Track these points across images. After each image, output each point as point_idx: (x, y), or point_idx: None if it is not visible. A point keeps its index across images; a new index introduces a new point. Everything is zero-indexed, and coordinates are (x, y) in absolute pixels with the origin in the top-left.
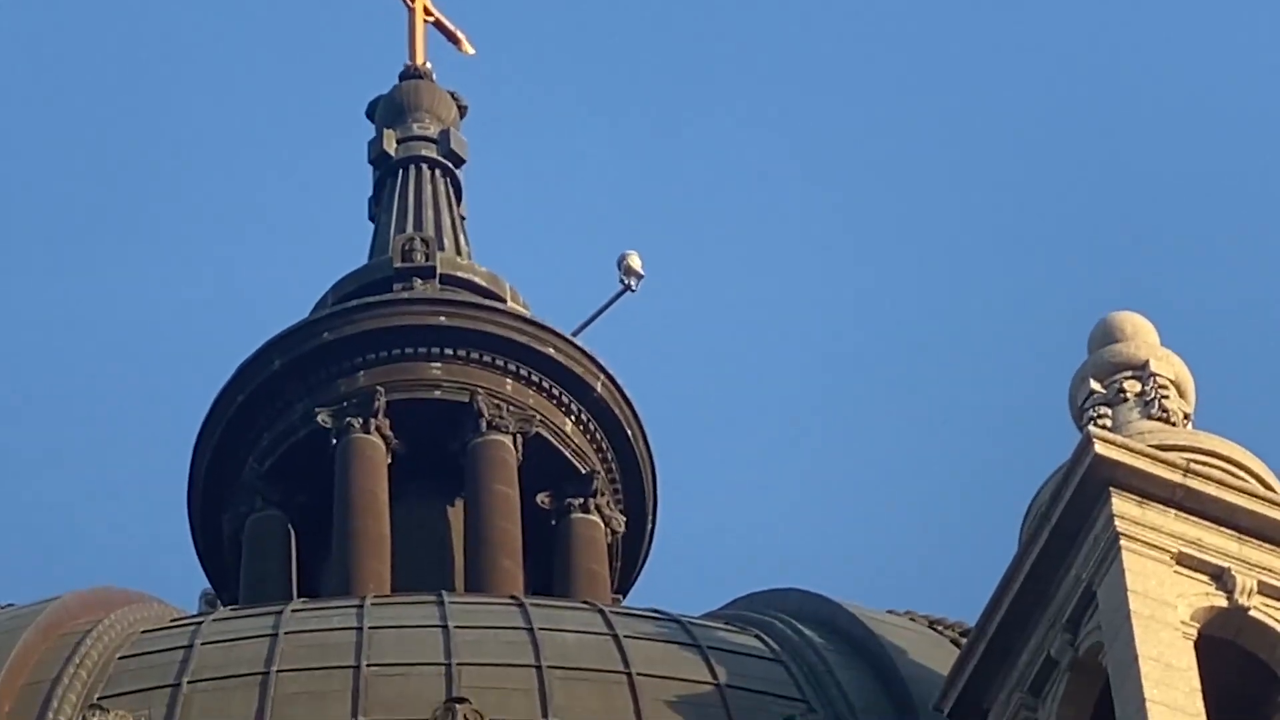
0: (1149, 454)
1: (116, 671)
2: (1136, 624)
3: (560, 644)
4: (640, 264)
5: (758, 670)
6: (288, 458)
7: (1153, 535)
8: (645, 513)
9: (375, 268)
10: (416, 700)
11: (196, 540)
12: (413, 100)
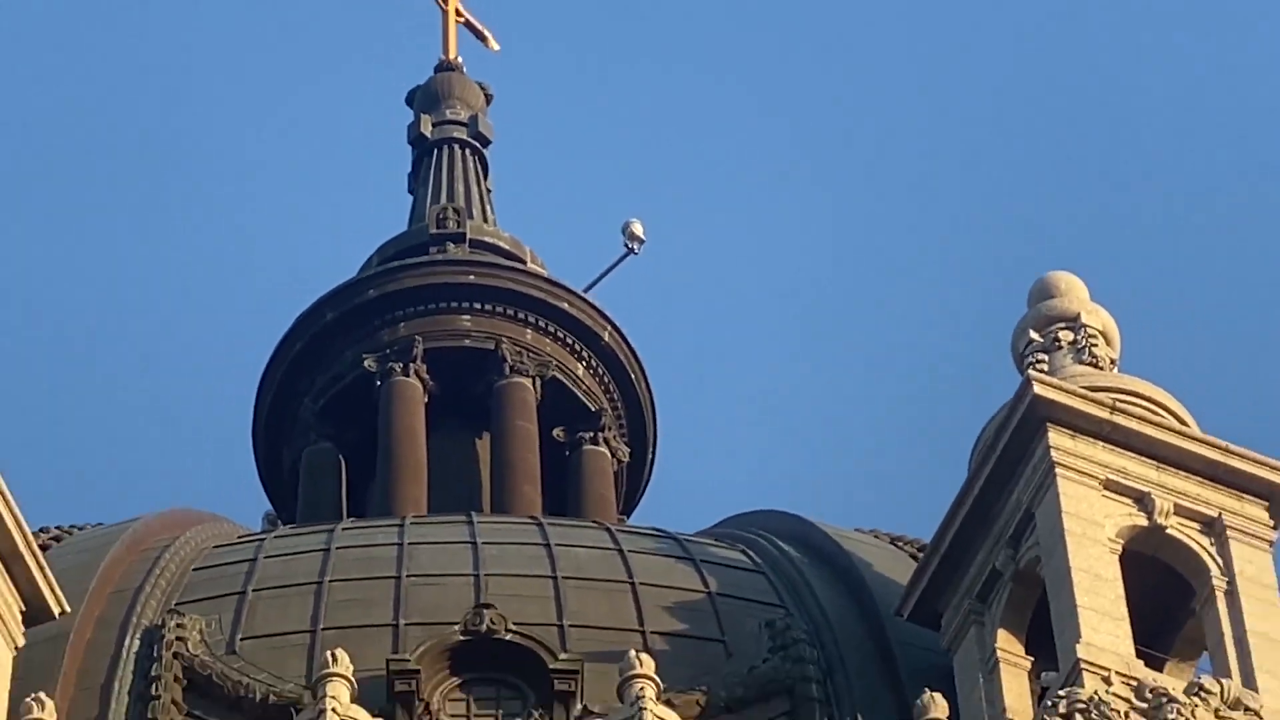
0: (1080, 394)
1: (191, 581)
2: (1070, 541)
3: (573, 557)
4: (642, 230)
5: (743, 581)
6: (338, 398)
7: (1084, 464)
8: (646, 444)
9: (414, 234)
10: (449, 606)
11: (260, 468)
12: (446, 89)
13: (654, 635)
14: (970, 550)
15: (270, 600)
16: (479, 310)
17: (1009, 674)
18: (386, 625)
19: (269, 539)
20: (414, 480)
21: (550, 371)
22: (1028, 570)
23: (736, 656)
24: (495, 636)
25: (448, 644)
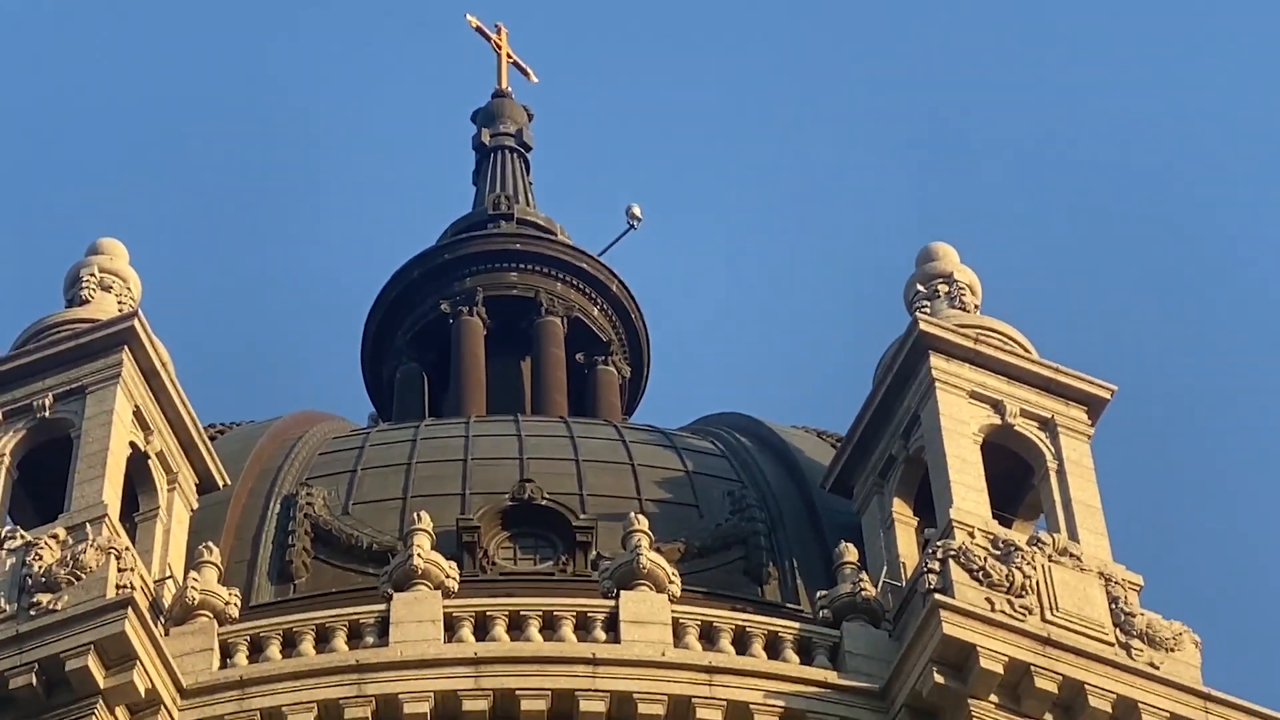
0: (953, 329)
1: (317, 462)
2: (945, 435)
3: (589, 446)
4: (640, 212)
5: (711, 463)
6: (422, 331)
7: (955, 380)
8: (642, 365)
9: (476, 214)
10: (502, 481)
11: (367, 382)
12: (499, 110)
13: (647, 502)
14: (874, 441)
15: (373, 476)
16: (523, 269)
17: (901, 530)
18: (456, 494)
19: (372, 432)
20: (476, 391)
21: (574, 313)
22: (915, 456)
23: (706, 517)
24: (534, 502)
25: (500, 508)
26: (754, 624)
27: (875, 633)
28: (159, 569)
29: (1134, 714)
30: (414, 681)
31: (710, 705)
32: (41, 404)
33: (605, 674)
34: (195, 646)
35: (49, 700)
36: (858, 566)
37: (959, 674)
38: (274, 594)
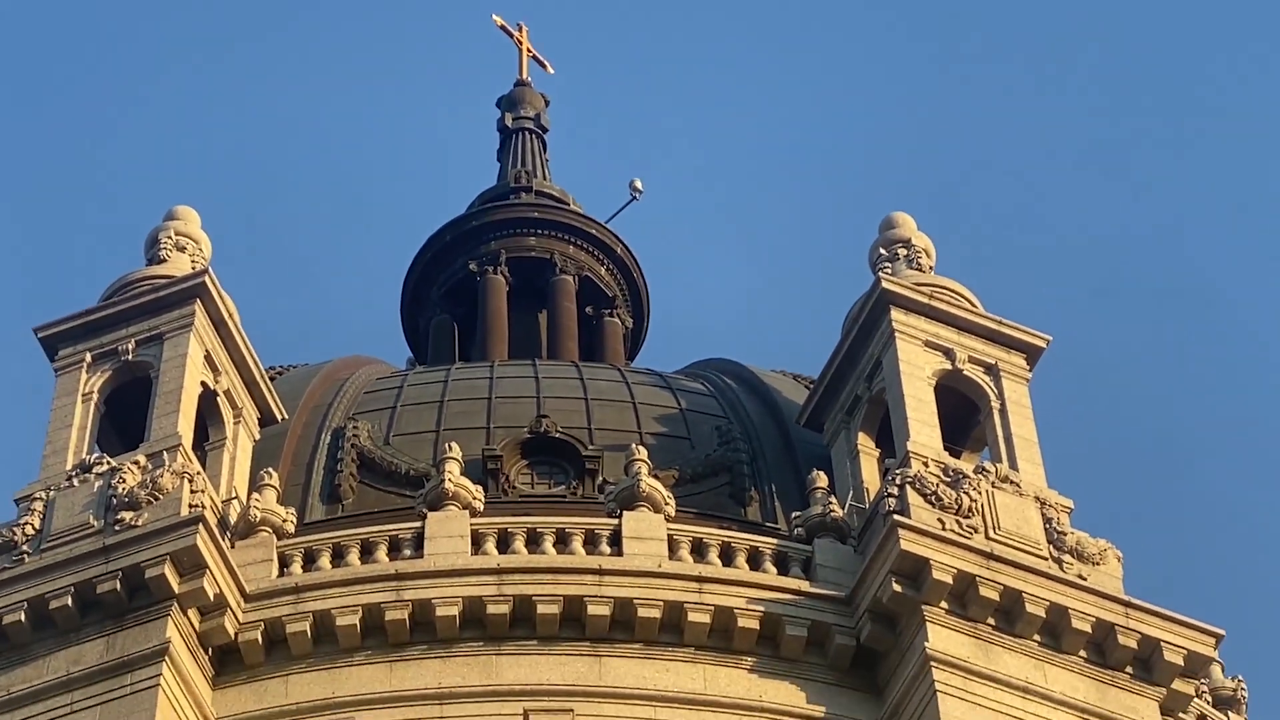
0: (910, 287)
1: (362, 400)
2: (903, 378)
3: (597, 386)
4: (641, 186)
5: (702, 402)
6: (454, 288)
7: (912, 330)
8: (643, 317)
9: (500, 187)
10: (521, 416)
11: (405, 331)
12: (520, 97)
13: (646, 435)
14: (842, 383)
15: (410, 412)
16: (540, 234)
17: (865, 460)
18: (481, 428)
19: (410, 374)
20: (499, 339)
21: (584, 272)
22: (877, 396)
23: (697, 448)
24: (549, 435)
25: (520, 439)
26: (738, 540)
27: (842, 548)
28: (225, 491)
29: (1064, 619)
30: (445, 588)
31: (700, 610)
32: (125, 349)
33: (609, 582)
34: (256, 557)
35: (131, 603)
36: (827, 491)
37: (914, 584)
38: (325, 513)
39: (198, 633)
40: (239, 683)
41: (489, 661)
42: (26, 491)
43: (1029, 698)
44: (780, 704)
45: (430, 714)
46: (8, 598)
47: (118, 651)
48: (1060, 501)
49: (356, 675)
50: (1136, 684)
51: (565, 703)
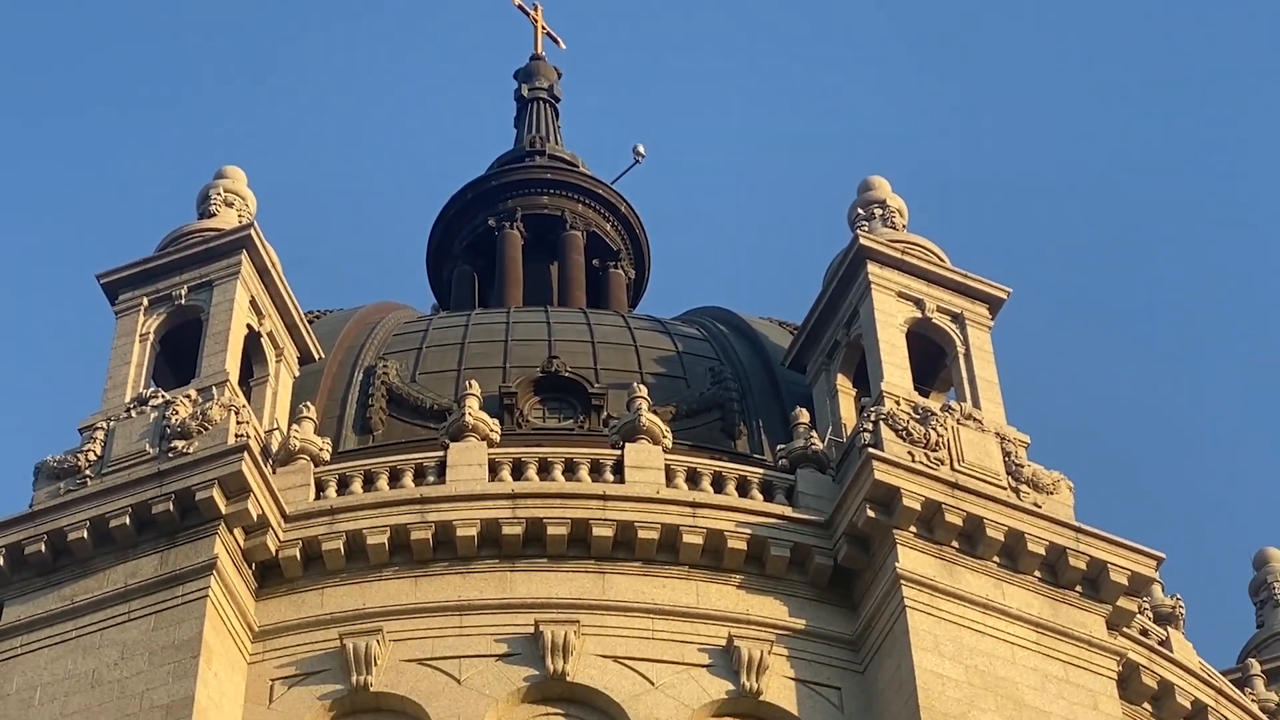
0: (885, 244)
1: (391, 342)
2: (878, 326)
3: (602, 331)
4: (643, 150)
5: (695, 345)
6: (474, 242)
7: (886, 282)
8: (644, 269)
9: (516, 151)
10: (534, 357)
11: (431, 280)
12: (535, 70)
13: (646, 375)
14: (823, 329)
15: (434, 352)
16: (552, 194)
17: (843, 399)
18: (498, 367)
19: (435, 318)
20: (515, 287)
21: (591, 228)
22: (854, 341)
23: (692, 387)
24: (560, 374)
25: (533, 378)
26: (728, 470)
27: (822, 478)
28: (268, 422)
29: (1021, 543)
30: (464, 511)
31: (693, 532)
32: (178, 294)
33: (613, 507)
34: (296, 482)
35: (182, 523)
36: (809, 426)
37: (886, 510)
38: (357, 443)
39: (242, 550)
40: (279, 595)
41: (504, 577)
42: (89, 422)
43: (988, 613)
44: (765, 617)
45: (450, 624)
46: (72, 517)
47: (170, 566)
48: (1018, 437)
49: (384, 589)
50: (1085, 601)
51: (572, 615)
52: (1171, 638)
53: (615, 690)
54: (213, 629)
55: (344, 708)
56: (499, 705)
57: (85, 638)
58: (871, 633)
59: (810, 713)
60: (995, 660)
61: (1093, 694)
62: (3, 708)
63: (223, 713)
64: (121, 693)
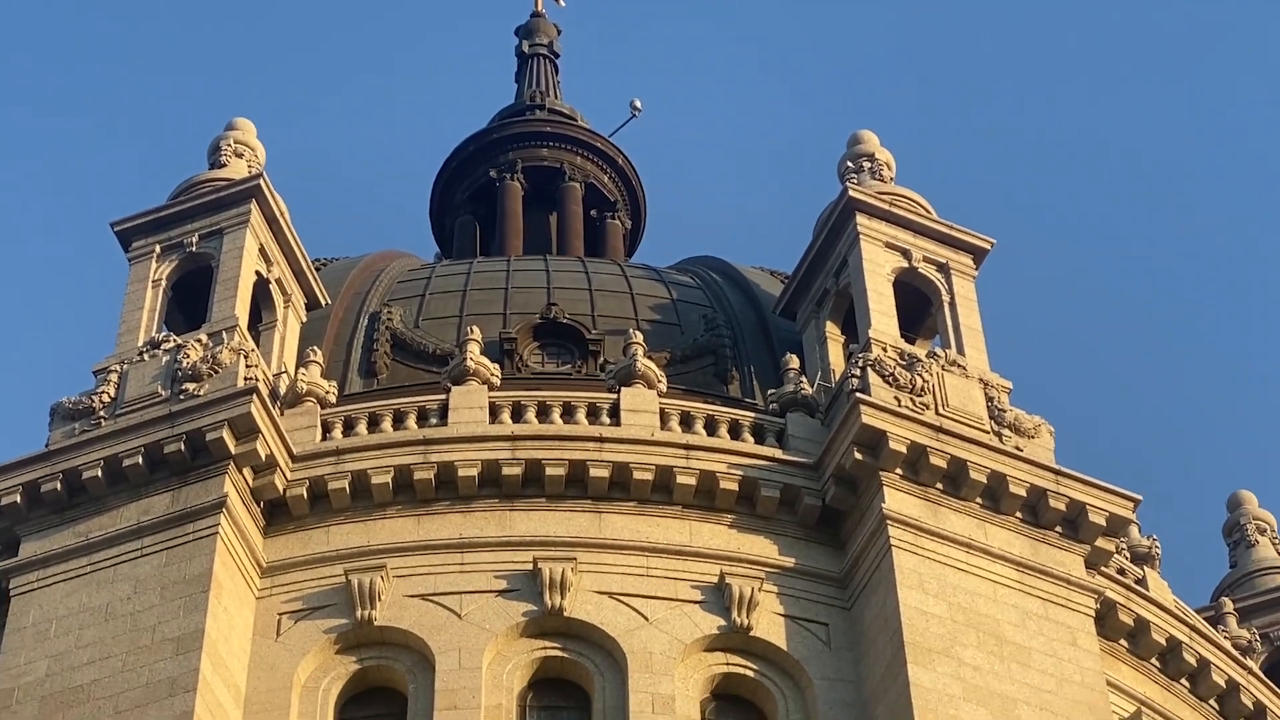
0: (874, 195)
1: (396, 289)
2: (866, 275)
3: (600, 279)
4: (640, 105)
5: (690, 293)
6: (476, 192)
7: (875, 233)
8: (640, 219)
9: (517, 105)
10: (533, 304)
11: (434, 229)
12: (536, 27)
13: (642, 321)
14: (813, 278)
15: (437, 299)
16: (551, 146)
17: (832, 346)
18: (499, 313)
19: (437, 266)
20: (515, 237)
21: (589, 179)
22: (843, 290)
23: (686, 333)
24: (558, 320)
25: (532, 324)
26: (720, 413)
27: (811, 421)
28: (276, 366)
29: (1003, 485)
30: (466, 452)
31: (686, 473)
32: (189, 241)
33: (609, 449)
34: (303, 424)
35: (193, 462)
36: (799, 372)
37: (873, 452)
38: (362, 386)
39: (251, 488)
40: (286, 532)
41: (504, 516)
42: (103, 365)
43: (971, 552)
44: (755, 555)
45: (452, 561)
46: (86, 456)
47: (182, 504)
48: (1000, 383)
49: (388, 527)
50: (1065, 541)
51: (570, 552)
52: (1147, 577)
53: (611, 625)
54: (222, 565)
55: (349, 641)
56: (498, 639)
57: (99, 573)
58: (858, 571)
59: (798, 648)
60: (977, 598)
61: (1071, 630)
62: (20, 639)
63: (231, 645)
64: (134, 625)
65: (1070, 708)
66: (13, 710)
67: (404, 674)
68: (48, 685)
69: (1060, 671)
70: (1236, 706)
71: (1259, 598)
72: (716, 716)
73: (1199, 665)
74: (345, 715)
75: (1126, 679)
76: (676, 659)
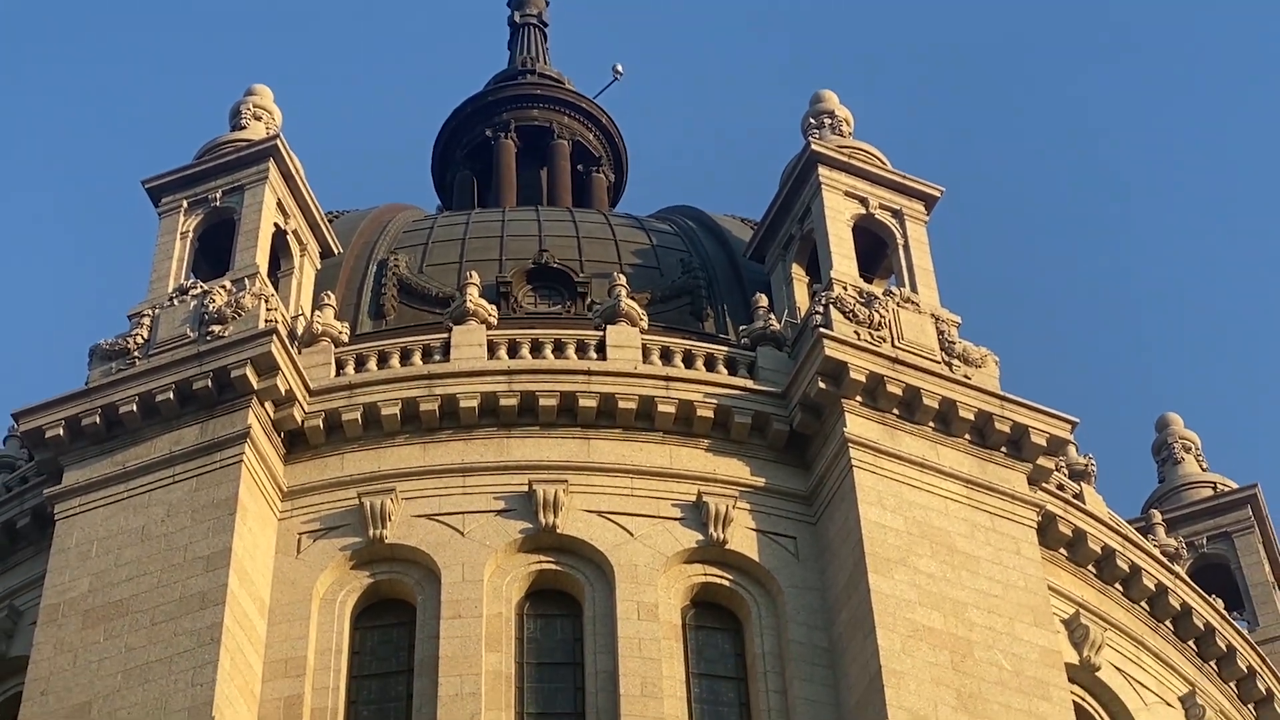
0: (834, 149)
1: (401, 238)
2: (828, 220)
3: (586, 226)
4: (621, 69)
5: (668, 239)
6: (474, 150)
7: (835, 183)
8: (623, 172)
9: (510, 71)
10: (527, 250)
11: (435, 184)
12: None
13: (625, 265)
14: (780, 225)
15: (440, 247)
16: (541, 107)
17: (798, 286)
18: (495, 259)
19: (439, 217)
20: (509, 190)
21: (576, 138)
22: (807, 235)
23: (665, 276)
24: (549, 265)
25: (525, 268)
26: (697, 348)
27: (779, 354)
28: (294, 309)
29: (953, 410)
30: (466, 385)
31: (667, 403)
32: (214, 197)
33: (596, 381)
34: (318, 361)
35: (219, 397)
36: (768, 310)
37: (835, 382)
38: (372, 326)
39: (272, 420)
40: (305, 460)
41: (501, 443)
42: (137, 309)
43: (925, 471)
44: (730, 476)
45: (455, 484)
46: (123, 393)
47: (210, 435)
48: (950, 317)
49: (397, 454)
50: (1009, 460)
51: (561, 475)
52: (1084, 492)
53: (599, 541)
54: (247, 490)
55: (362, 558)
56: (498, 555)
57: (135, 498)
58: (823, 489)
59: (769, 559)
60: (930, 512)
61: (1015, 540)
62: (64, 559)
63: (256, 562)
64: (168, 545)
65: (1015, 610)
66: (58, 623)
67: (413, 587)
68: (90, 600)
69: (1006, 578)
70: (1165, 607)
71: (1184, 510)
72: (696, 622)
73: (1131, 571)
74: (360, 625)
75: (1065, 584)
76: (659, 570)
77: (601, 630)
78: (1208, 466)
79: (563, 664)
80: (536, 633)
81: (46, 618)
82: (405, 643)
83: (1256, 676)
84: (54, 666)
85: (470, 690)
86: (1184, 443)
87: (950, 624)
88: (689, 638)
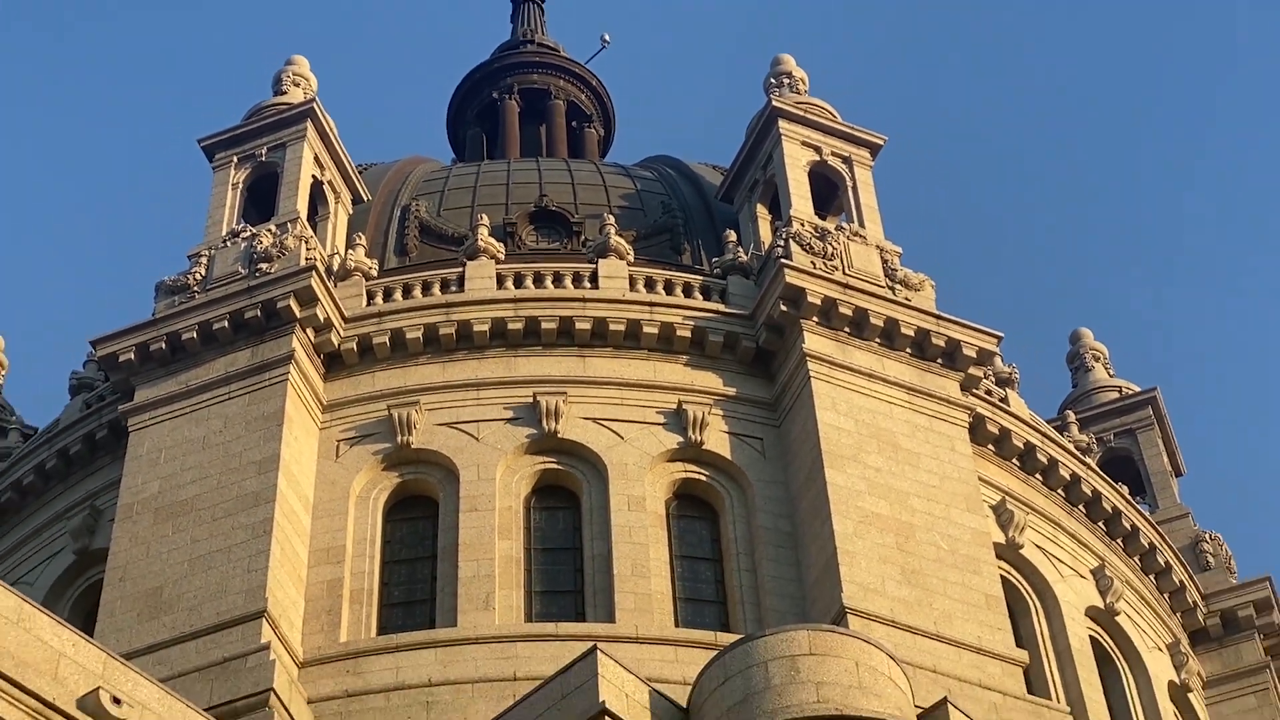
0: (792, 104)
1: (421, 186)
2: (787, 167)
3: (580, 174)
4: (609, 37)
5: (650, 184)
6: (481, 110)
7: (793, 134)
8: (611, 127)
9: (512, 41)
10: (529, 195)
11: (450, 139)
12: None
13: (614, 207)
14: (746, 171)
15: (454, 193)
16: (540, 72)
17: (762, 224)
18: (502, 204)
19: (453, 168)
20: (513, 144)
21: (570, 98)
22: (770, 180)
23: (648, 215)
24: (549, 208)
25: (528, 211)
26: (676, 278)
27: (747, 282)
28: (330, 249)
29: (896, 328)
30: (479, 312)
31: (651, 324)
32: (260, 153)
33: (590, 307)
34: (352, 293)
35: (267, 325)
36: (736, 244)
37: (795, 305)
38: (397, 262)
39: (313, 344)
40: (341, 378)
41: (509, 361)
42: (196, 250)
43: (872, 380)
44: (706, 387)
45: (470, 397)
46: (184, 322)
47: (260, 358)
48: (893, 248)
49: (420, 371)
50: (944, 370)
51: (561, 388)
52: (1009, 396)
53: (595, 443)
54: (292, 404)
55: (392, 460)
56: (508, 456)
57: (197, 412)
58: (785, 397)
59: (740, 457)
60: (878, 415)
61: (950, 439)
62: (137, 465)
63: (301, 466)
64: (225, 453)
65: (950, 498)
66: (133, 520)
67: (436, 485)
68: (159, 500)
69: (942, 470)
70: (1078, 494)
71: (1094, 410)
72: (678, 512)
73: (1049, 463)
74: (390, 518)
75: (993, 474)
76: (646, 468)
77: (597, 520)
78: (1114, 373)
79: (564, 549)
80: (541, 523)
81: (123, 515)
82: (429, 532)
83: (1156, 552)
84: (130, 557)
85: (486, 573)
86: (1094, 353)
87: (895, 511)
88: (672, 525)
